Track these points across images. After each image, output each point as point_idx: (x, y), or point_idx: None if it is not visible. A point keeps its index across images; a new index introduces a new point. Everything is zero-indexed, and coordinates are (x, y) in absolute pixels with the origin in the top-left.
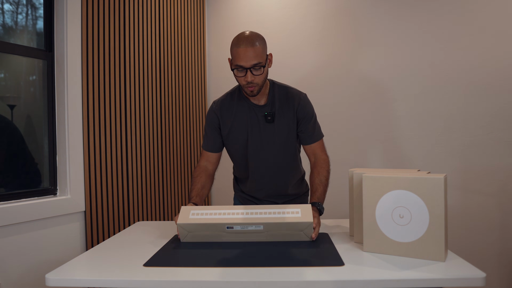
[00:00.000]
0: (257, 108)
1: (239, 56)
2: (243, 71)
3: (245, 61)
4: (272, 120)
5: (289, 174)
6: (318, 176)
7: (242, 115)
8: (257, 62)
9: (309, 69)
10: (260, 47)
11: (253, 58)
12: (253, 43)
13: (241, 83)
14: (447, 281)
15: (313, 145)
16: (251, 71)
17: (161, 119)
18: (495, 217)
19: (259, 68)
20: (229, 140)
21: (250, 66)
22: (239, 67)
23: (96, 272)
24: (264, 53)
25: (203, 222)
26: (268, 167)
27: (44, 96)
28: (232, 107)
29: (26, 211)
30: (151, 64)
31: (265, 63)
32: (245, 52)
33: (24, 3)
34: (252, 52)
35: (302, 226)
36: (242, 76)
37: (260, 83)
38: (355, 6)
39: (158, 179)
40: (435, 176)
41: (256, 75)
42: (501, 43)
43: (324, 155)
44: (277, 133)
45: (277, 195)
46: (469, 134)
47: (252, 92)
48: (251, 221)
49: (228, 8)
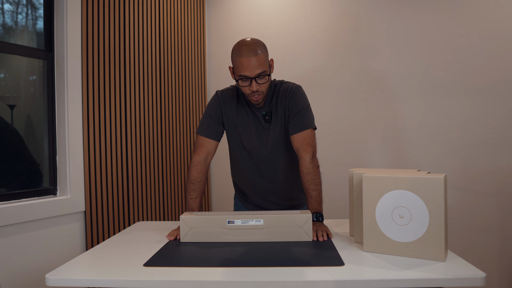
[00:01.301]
0: (256, 108)
1: (243, 66)
2: (248, 80)
3: (249, 71)
4: (270, 120)
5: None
6: (307, 183)
7: (244, 113)
8: (261, 71)
9: (309, 70)
10: (263, 55)
11: (257, 68)
12: (255, 51)
13: (246, 93)
14: (447, 281)
15: (296, 136)
16: (256, 81)
17: (161, 119)
18: (495, 217)
19: (264, 77)
20: (232, 135)
21: (255, 76)
22: (244, 77)
23: (96, 272)
24: (267, 60)
25: (205, 216)
26: (267, 164)
27: (44, 96)
28: (235, 103)
29: (26, 211)
30: (151, 64)
31: (269, 71)
32: (248, 62)
33: (24, 3)
34: (256, 62)
35: (301, 221)
36: (247, 85)
37: (265, 91)
38: (357, 5)
39: (158, 179)
40: (435, 176)
41: (261, 84)
42: (501, 43)
43: (307, 152)
44: (274, 131)
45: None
46: (469, 134)
47: (258, 101)
48: (252, 217)
49: (228, 8)
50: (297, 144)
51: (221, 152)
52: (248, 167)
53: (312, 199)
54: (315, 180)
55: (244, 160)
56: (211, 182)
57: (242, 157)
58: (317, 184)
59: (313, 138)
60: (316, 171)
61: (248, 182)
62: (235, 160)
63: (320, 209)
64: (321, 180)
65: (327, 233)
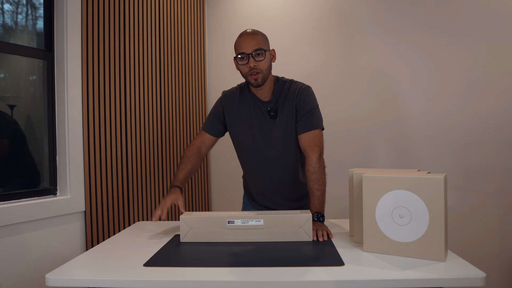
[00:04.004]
0: (261, 103)
1: (241, 44)
2: (246, 59)
3: (246, 48)
4: (274, 116)
5: (290, 169)
6: (311, 182)
7: (248, 110)
8: (258, 48)
9: (309, 70)
10: (261, 37)
11: (255, 45)
12: (254, 33)
13: (244, 72)
14: (447, 281)
15: (304, 136)
16: (253, 57)
17: (161, 119)
18: (495, 217)
19: (261, 54)
20: (234, 132)
21: (252, 51)
22: (241, 54)
23: (96, 272)
24: (266, 43)
25: (205, 216)
26: (270, 162)
27: (44, 96)
28: (238, 101)
29: (26, 211)
30: (151, 64)
31: (267, 50)
32: (245, 40)
33: (24, 3)
34: (253, 40)
35: (301, 221)
36: (245, 63)
37: (264, 70)
38: (360, 3)
39: (158, 179)
40: (435, 176)
41: (258, 61)
42: (502, 43)
43: (315, 152)
44: (278, 128)
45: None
46: (469, 134)
47: (256, 80)
48: (252, 217)
49: (228, 8)
50: (304, 144)
51: (222, 152)
52: (250, 163)
53: (315, 199)
54: (320, 180)
55: (247, 156)
56: (211, 182)
57: (245, 153)
58: (322, 184)
59: (320, 139)
60: (321, 171)
61: (252, 180)
62: (240, 156)
63: (322, 209)
64: (326, 181)
65: (327, 233)
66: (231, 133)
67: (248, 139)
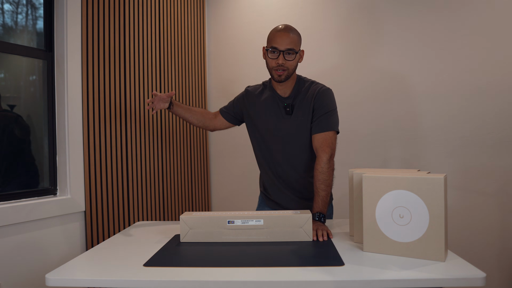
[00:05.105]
0: (280, 99)
1: (276, 38)
2: (276, 53)
3: (280, 44)
4: (290, 112)
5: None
6: (318, 182)
7: (267, 104)
8: (291, 48)
9: (310, 70)
10: (296, 37)
11: (288, 43)
12: (291, 31)
13: (271, 65)
14: (447, 281)
15: (318, 136)
16: (284, 55)
17: (161, 119)
18: (495, 217)
19: (292, 54)
20: (251, 125)
21: (284, 49)
22: (274, 49)
23: (96, 272)
24: (299, 43)
25: (205, 216)
26: (280, 156)
27: (44, 96)
28: (259, 95)
29: (26, 211)
30: (151, 64)
31: (298, 51)
32: (281, 35)
33: (24, 3)
34: (288, 38)
35: (301, 221)
36: (275, 58)
37: (290, 69)
38: (364, 3)
39: (158, 179)
40: (435, 176)
41: (288, 60)
42: (502, 43)
43: (326, 153)
44: (292, 125)
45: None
46: (469, 134)
47: (280, 77)
48: (252, 217)
49: (228, 8)
50: (317, 144)
51: (222, 152)
52: (263, 154)
53: (319, 199)
54: (326, 181)
55: (259, 148)
56: (211, 182)
57: (260, 144)
58: (328, 185)
59: (333, 141)
60: (330, 173)
61: (266, 173)
62: (254, 148)
63: (324, 210)
64: (332, 183)
65: (327, 233)
66: (248, 126)
67: (263, 131)
